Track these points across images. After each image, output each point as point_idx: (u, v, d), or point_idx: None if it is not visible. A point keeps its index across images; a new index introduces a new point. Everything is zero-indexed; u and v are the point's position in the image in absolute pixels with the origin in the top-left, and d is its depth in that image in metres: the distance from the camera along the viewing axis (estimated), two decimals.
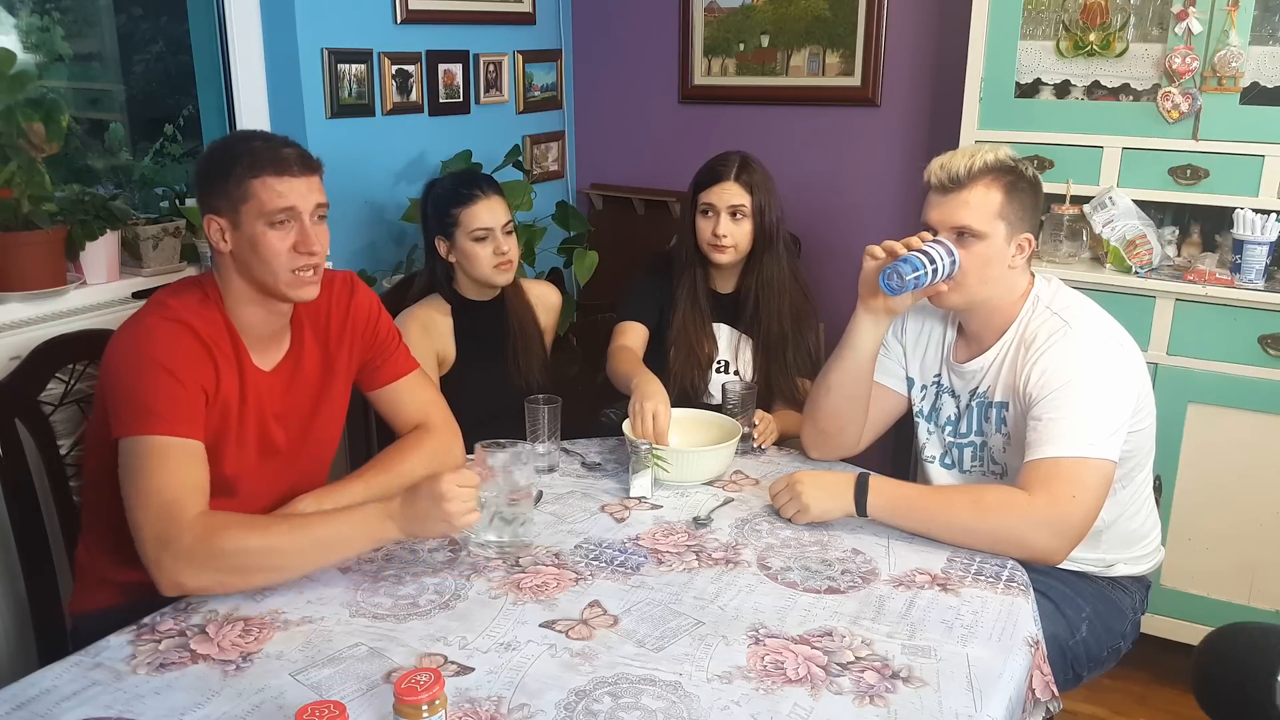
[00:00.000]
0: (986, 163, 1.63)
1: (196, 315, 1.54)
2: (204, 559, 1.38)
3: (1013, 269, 1.67)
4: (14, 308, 2.01)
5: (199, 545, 1.37)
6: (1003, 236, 1.64)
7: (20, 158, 1.98)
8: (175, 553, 1.37)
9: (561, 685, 1.21)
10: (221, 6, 2.56)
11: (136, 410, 1.45)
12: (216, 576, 1.39)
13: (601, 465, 1.89)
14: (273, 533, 1.43)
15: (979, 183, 1.62)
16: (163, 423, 1.44)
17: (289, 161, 1.53)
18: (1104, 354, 1.60)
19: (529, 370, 2.24)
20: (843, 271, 3.18)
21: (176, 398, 1.46)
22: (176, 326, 1.51)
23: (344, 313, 1.71)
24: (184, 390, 1.47)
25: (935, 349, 1.83)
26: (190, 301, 1.56)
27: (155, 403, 1.45)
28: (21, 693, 1.19)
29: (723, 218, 2.16)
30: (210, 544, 1.38)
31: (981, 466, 1.77)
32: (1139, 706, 2.44)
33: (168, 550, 1.37)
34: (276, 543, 1.42)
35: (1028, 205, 1.65)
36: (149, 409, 1.45)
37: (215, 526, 1.39)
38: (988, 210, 1.62)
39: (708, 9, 3.28)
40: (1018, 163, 1.67)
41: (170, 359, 1.47)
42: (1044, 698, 1.36)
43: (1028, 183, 1.66)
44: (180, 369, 1.48)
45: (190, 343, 1.51)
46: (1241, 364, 2.33)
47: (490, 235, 2.13)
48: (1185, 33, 2.35)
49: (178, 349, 1.49)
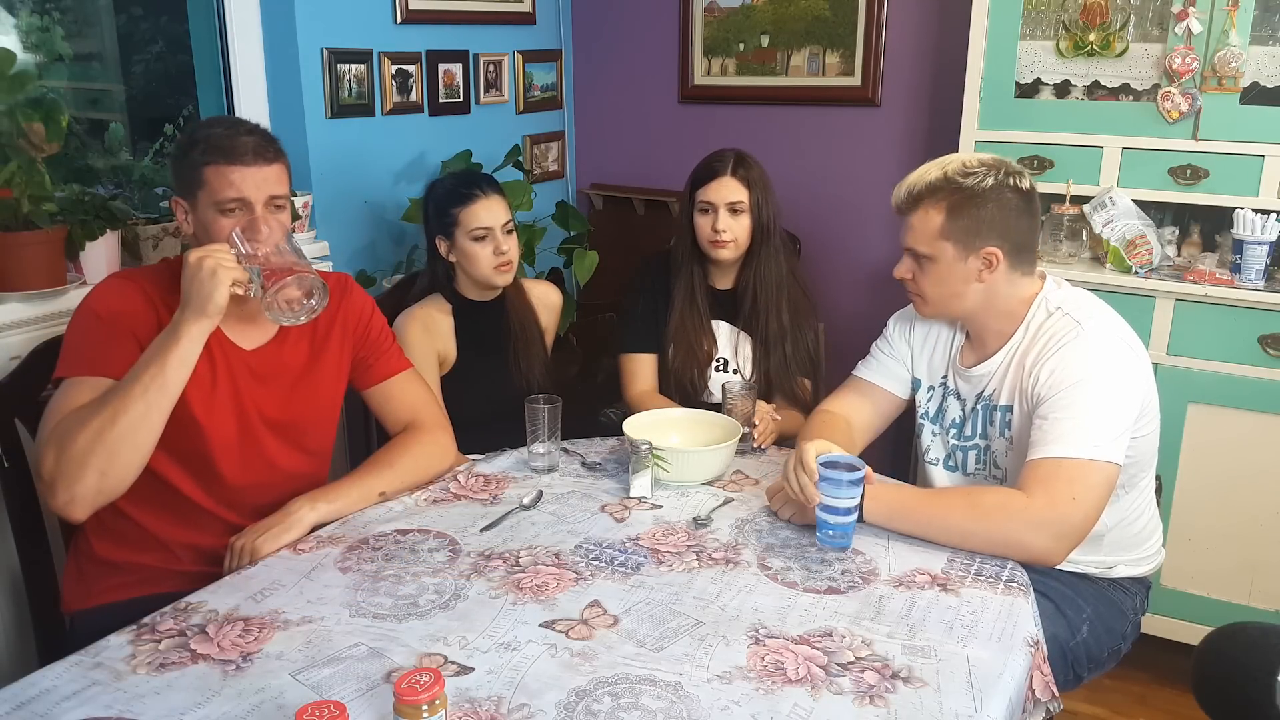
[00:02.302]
0: (928, 184, 1.63)
1: (154, 281, 1.59)
2: (68, 466, 1.41)
3: (984, 282, 1.65)
4: (14, 308, 2.00)
5: (60, 457, 1.41)
6: (951, 256, 1.63)
7: (20, 158, 1.98)
8: (53, 477, 1.42)
9: (561, 685, 1.20)
10: (221, 6, 2.56)
11: (65, 354, 1.53)
12: (89, 476, 1.42)
13: (601, 465, 1.89)
14: (98, 406, 1.44)
15: (919, 206, 1.64)
16: (79, 364, 1.50)
17: (243, 150, 1.54)
18: (1115, 356, 1.60)
19: (530, 370, 2.24)
20: (843, 271, 3.20)
21: (99, 341, 1.51)
22: (123, 281, 1.58)
23: (333, 311, 1.73)
24: (110, 335, 1.52)
25: (943, 351, 1.83)
26: (152, 272, 1.63)
27: (78, 346, 1.52)
28: (21, 693, 1.19)
29: (721, 213, 2.17)
30: (66, 452, 1.41)
31: (984, 470, 1.77)
32: (1139, 706, 2.44)
33: (55, 477, 1.42)
34: (104, 411, 1.43)
35: (984, 219, 1.61)
36: (72, 352, 1.52)
37: (62, 435, 1.43)
38: (928, 233, 1.64)
39: (708, 9, 3.28)
40: (972, 173, 1.61)
41: (104, 307, 1.53)
42: (1044, 698, 1.35)
43: (980, 194, 1.60)
44: (111, 315, 1.53)
45: (131, 294, 1.56)
46: (1241, 364, 2.33)
47: (490, 235, 2.13)
48: (1185, 33, 2.35)
49: (114, 299, 1.55)
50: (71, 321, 1.56)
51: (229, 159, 1.54)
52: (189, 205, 1.58)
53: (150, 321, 1.55)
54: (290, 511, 1.58)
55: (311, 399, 1.72)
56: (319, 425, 1.76)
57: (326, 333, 1.73)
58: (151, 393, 1.44)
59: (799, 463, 1.54)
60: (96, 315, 1.53)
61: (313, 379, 1.72)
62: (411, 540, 1.57)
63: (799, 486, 1.54)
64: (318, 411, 1.75)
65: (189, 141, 1.57)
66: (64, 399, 1.48)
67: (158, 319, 1.55)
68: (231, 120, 1.63)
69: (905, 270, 1.72)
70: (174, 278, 1.56)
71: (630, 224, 3.49)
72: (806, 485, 1.52)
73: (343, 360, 1.76)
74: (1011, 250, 1.64)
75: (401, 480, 1.72)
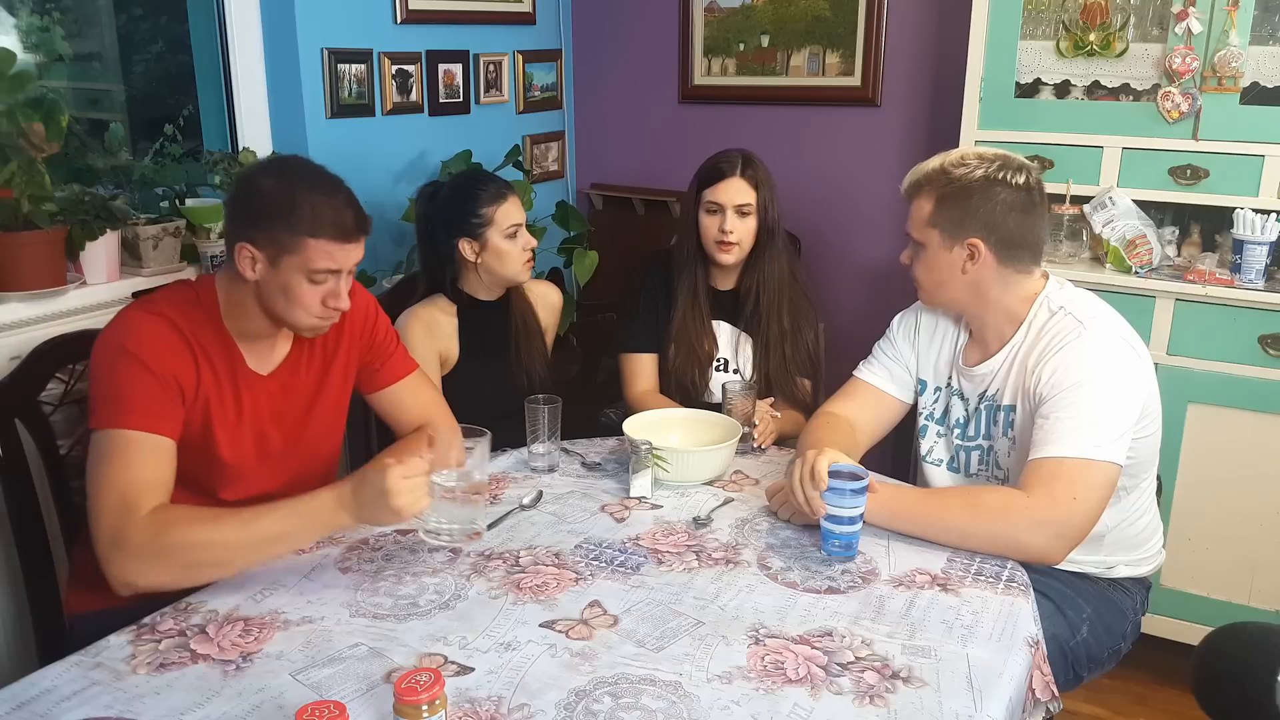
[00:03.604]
0: (926, 173, 1.69)
1: (182, 313, 1.53)
2: (154, 556, 1.37)
3: (968, 274, 1.66)
4: (14, 308, 2.01)
5: (150, 543, 1.36)
6: (937, 243, 1.67)
7: (20, 158, 1.98)
8: (126, 550, 1.36)
9: (561, 685, 1.20)
10: (221, 6, 2.57)
11: (107, 401, 1.44)
12: (167, 573, 1.38)
13: (601, 465, 1.89)
14: (223, 527, 1.41)
15: (918, 194, 1.70)
16: (131, 415, 1.43)
17: (350, 229, 1.51)
18: (1117, 356, 1.60)
19: (531, 369, 2.24)
20: (843, 271, 3.20)
21: (148, 390, 1.45)
22: (155, 319, 1.50)
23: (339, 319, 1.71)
24: (156, 383, 1.46)
25: (947, 351, 1.83)
26: (178, 300, 1.55)
27: (125, 394, 1.44)
28: (21, 693, 1.19)
29: (729, 215, 2.17)
30: (160, 541, 1.37)
31: (987, 470, 1.77)
32: (1139, 706, 2.44)
33: (119, 548, 1.36)
34: (226, 537, 1.40)
35: (969, 210, 1.63)
36: (118, 400, 1.44)
37: (165, 523, 1.38)
38: (920, 220, 1.69)
39: (708, 9, 3.28)
40: (964, 165, 1.65)
41: (144, 349, 1.46)
42: (1044, 698, 1.35)
43: (967, 186, 1.63)
44: (154, 360, 1.46)
45: (168, 335, 1.50)
46: (1241, 364, 2.33)
47: (519, 231, 2.16)
48: (1185, 33, 2.35)
49: (153, 340, 1.48)
50: (106, 362, 1.47)
51: (338, 236, 1.49)
52: (264, 258, 1.49)
53: (189, 368, 1.51)
54: None
55: (324, 412, 1.71)
56: (331, 436, 1.75)
57: (335, 343, 1.71)
58: (272, 550, 1.43)
59: (810, 473, 1.53)
60: (142, 363, 1.45)
61: (324, 393, 1.70)
62: (411, 540, 1.57)
63: (805, 498, 1.53)
64: (330, 422, 1.73)
65: (286, 205, 1.47)
66: (121, 459, 1.41)
67: (195, 365, 1.52)
68: (327, 182, 1.53)
69: (906, 255, 1.76)
70: (200, 306, 1.54)
71: (630, 224, 3.49)
72: (814, 498, 1.51)
73: (349, 367, 1.74)
74: (999, 244, 1.64)
75: None
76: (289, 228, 1.48)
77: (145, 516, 1.38)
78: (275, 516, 1.43)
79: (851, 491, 1.49)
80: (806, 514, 1.57)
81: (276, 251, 1.49)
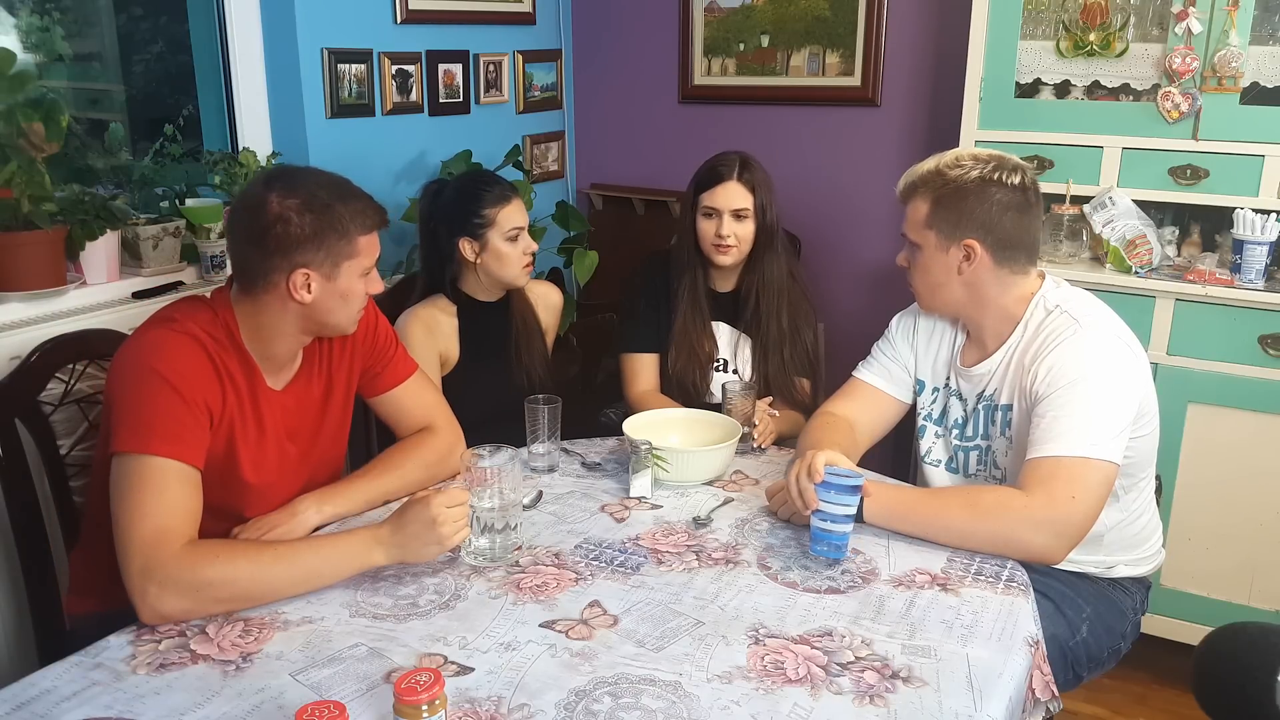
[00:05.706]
0: (921, 174, 1.69)
1: (208, 334, 1.51)
2: (190, 590, 1.34)
3: (964, 275, 1.67)
4: (14, 308, 2.01)
5: (185, 576, 1.34)
6: (934, 245, 1.67)
7: (20, 158, 1.98)
8: (161, 583, 1.33)
9: (561, 685, 1.21)
10: (221, 6, 2.57)
11: (137, 426, 1.41)
12: (201, 606, 1.35)
13: (601, 465, 1.89)
14: (260, 563, 1.39)
15: (914, 196, 1.70)
16: (162, 443, 1.40)
17: (380, 211, 1.57)
18: (1113, 354, 1.60)
19: (531, 370, 2.24)
20: (843, 271, 3.20)
21: (179, 417, 1.43)
22: (186, 340, 1.48)
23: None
24: (188, 409, 1.44)
25: (946, 352, 1.83)
26: (202, 319, 1.52)
27: (156, 419, 1.41)
28: (21, 693, 1.19)
29: (726, 219, 2.16)
30: (197, 576, 1.34)
31: (985, 470, 1.77)
32: (1139, 706, 2.44)
33: (153, 580, 1.33)
34: (262, 573, 1.38)
35: (965, 211, 1.63)
36: (149, 425, 1.40)
37: (202, 558, 1.36)
38: (916, 222, 1.69)
39: (708, 9, 3.28)
40: (959, 166, 1.65)
41: (174, 373, 1.43)
42: (1044, 698, 1.36)
43: (962, 187, 1.63)
44: (184, 385, 1.44)
45: (199, 358, 1.48)
46: (1241, 364, 2.33)
47: (521, 235, 2.16)
48: (1185, 33, 2.35)
49: (186, 364, 1.46)
50: (134, 383, 1.44)
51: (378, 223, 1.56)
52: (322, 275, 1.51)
53: (216, 393, 1.49)
54: (296, 511, 1.57)
55: (332, 420, 1.71)
56: (338, 442, 1.75)
57: (339, 350, 1.70)
58: (305, 588, 1.41)
59: (808, 469, 1.53)
60: (173, 387, 1.43)
61: (331, 401, 1.70)
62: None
63: (799, 491, 1.54)
64: (338, 429, 1.73)
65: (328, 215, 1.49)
66: (153, 488, 1.38)
67: (221, 389, 1.50)
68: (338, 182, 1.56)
69: (903, 258, 1.76)
70: (220, 325, 1.53)
71: (630, 224, 3.49)
72: (807, 489, 1.52)
73: (353, 373, 1.73)
74: (995, 245, 1.64)
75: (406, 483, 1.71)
76: (341, 234, 1.50)
77: (180, 550, 1.36)
78: (311, 551, 1.44)
79: (843, 488, 1.49)
80: (802, 510, 1.57)
81: (335, 261, 1.51)
